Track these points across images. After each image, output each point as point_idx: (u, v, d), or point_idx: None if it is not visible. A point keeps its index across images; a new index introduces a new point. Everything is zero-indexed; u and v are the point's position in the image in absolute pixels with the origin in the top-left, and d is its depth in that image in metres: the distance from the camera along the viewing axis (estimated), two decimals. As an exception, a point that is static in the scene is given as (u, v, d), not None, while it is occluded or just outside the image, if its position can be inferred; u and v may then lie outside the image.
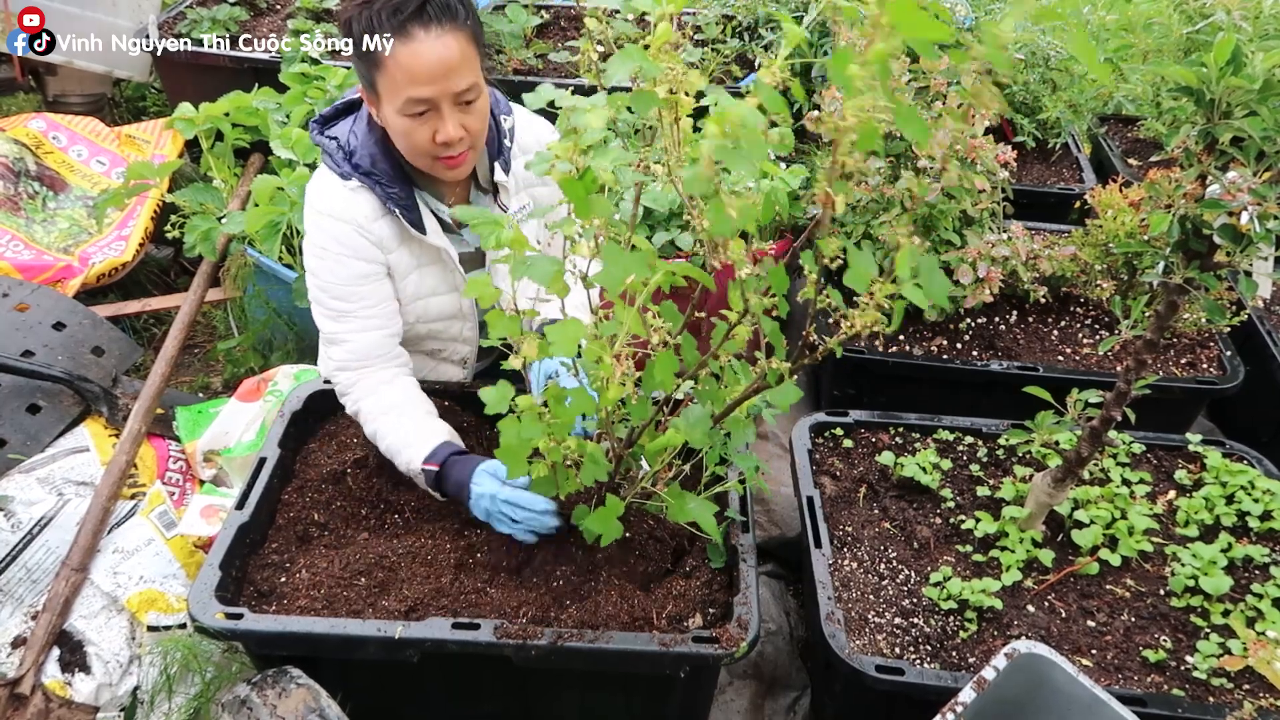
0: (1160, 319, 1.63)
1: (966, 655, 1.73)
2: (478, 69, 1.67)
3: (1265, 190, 1.39)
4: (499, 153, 1.87)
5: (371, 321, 1.86)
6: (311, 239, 1.83)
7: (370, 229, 1.81)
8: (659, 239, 2.64)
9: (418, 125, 1.66)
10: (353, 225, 1.79)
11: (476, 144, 1.75)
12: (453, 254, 1.90)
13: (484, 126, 1.74)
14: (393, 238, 1.84)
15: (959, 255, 2.41)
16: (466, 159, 1.74)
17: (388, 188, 1.78)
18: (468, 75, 1.64)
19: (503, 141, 1.87)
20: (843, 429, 2.23)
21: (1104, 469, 2.13)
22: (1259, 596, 1.83)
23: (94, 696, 1.88)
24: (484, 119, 1.73)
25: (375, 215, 1.81)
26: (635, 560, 1.74)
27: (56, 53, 3.56)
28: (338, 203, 1.79)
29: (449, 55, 1.60)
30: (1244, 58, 1.33)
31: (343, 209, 1.79)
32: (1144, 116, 3.47)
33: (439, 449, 1.77)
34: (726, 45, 3.58)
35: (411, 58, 1.59)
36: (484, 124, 1.74)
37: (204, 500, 2.19)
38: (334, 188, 1.80)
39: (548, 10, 4.09)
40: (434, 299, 1.95)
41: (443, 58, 1.60)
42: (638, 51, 1.16)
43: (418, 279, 1.91)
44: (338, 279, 1.82)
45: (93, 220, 3.10)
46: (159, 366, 2.41)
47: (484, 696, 1.77)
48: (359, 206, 1.79)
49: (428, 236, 1.84)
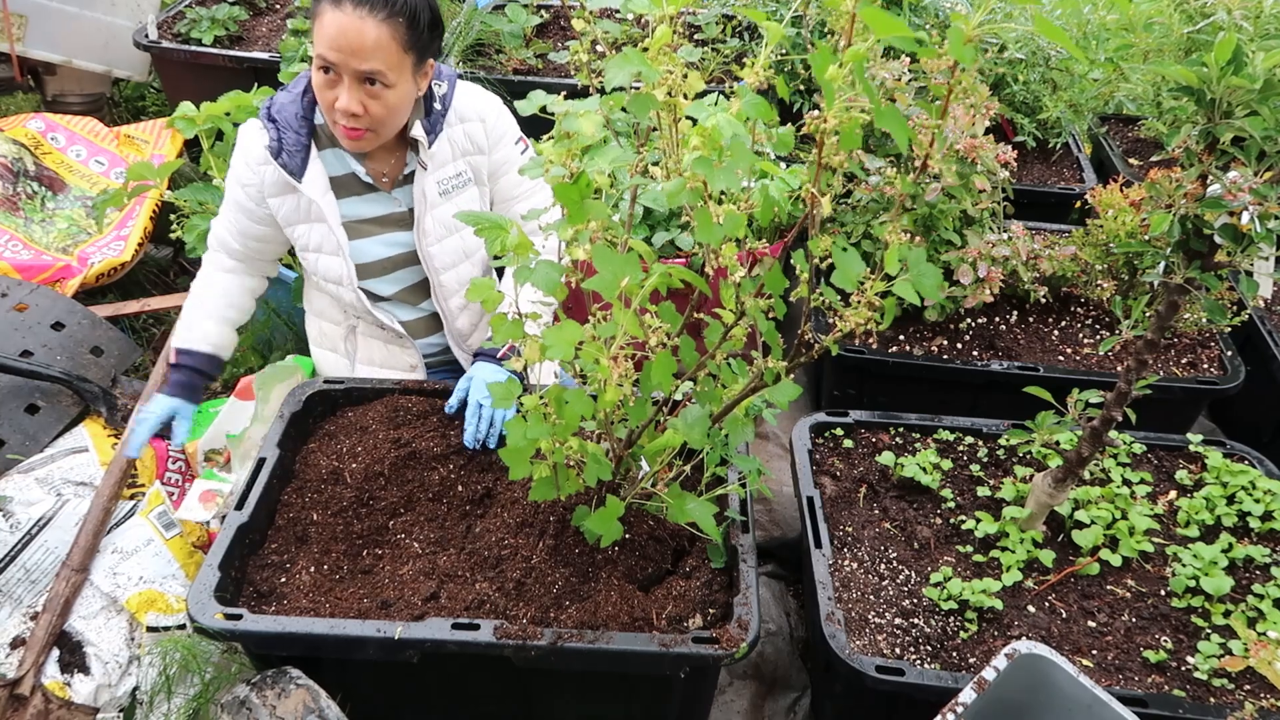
0: (1161, 319, 1.63)
1: (967, 656, 1.73)
2: (395, 64, 1.78)
3: (1266, 190, 1.38)
4: (427, 114, 1.97)
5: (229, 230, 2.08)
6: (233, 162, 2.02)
7: (258, 170, 1.96)
8: (659, 239, 2.64)
9: (324, 85, 1.80)
10: (246, 165, 1.97)
11: (378, 128, 1.85)
12: (330, 212, 1.98)
13: (389, 115, 1.84)
14: (276, 184, 1.97)
15: (959, 255, 2.40)
16: (363, 137, 1.86)
17: (282, 130, 1.91)
18: (374, 61, 1.75)
19: (432, 105, 1.97)
20: (843, 429, 2.23)
21: (1104, 469, 2.13)
22: (1260, 597, 1.83)
23: (93, 697, 1.87)
24: (390, 109, 1.83)
25: (265, 159, 1.94)
26: (635, 561, 1.74)
27: (56, 52, 3.56)
28: (245, 141, 1.97)
29: (359, 36, 1.72)
30: (1245, 57, 1.33)
31: (246, 148, 1.97)
32: (1145, 116, 3.47)
33: (190, 354, 2.09)
34: (726, 45, 3.57)
35: (329, 23, 1.73)
36: (390, 113, 1.84)
37: (203, 485, 2.20)
38: (251, 129, 1.98)
39: (548, 10, 4.08)
40: (321, 256, 2.06)
41: (352, 35, 1.72)
42: (637, 55, 1.16)
43: (305, 230, 2.03)
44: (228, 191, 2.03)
45: (92, 220, 3.10)
46: (160, 366, 2.40)
47: (484, 697, 1.77)
48: (255, 145, 1.95)
49: (302, 185, 1.94)
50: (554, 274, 1.34)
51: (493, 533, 1.79)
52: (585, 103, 1.31)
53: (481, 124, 2.03)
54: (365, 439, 2.01)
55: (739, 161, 1.15)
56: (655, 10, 1.18)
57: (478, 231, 1.42)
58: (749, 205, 1.27)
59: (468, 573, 1.73)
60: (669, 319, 1.43)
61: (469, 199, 2.08)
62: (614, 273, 1.27)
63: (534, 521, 1.78)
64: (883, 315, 1.33)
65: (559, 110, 1.30)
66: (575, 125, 1.27)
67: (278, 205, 2.00)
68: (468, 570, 1.74)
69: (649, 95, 1.20)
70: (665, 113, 1.24)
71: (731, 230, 1.22)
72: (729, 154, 1.16)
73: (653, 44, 1.18)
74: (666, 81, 1.20)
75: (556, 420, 1.51)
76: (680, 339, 1.49)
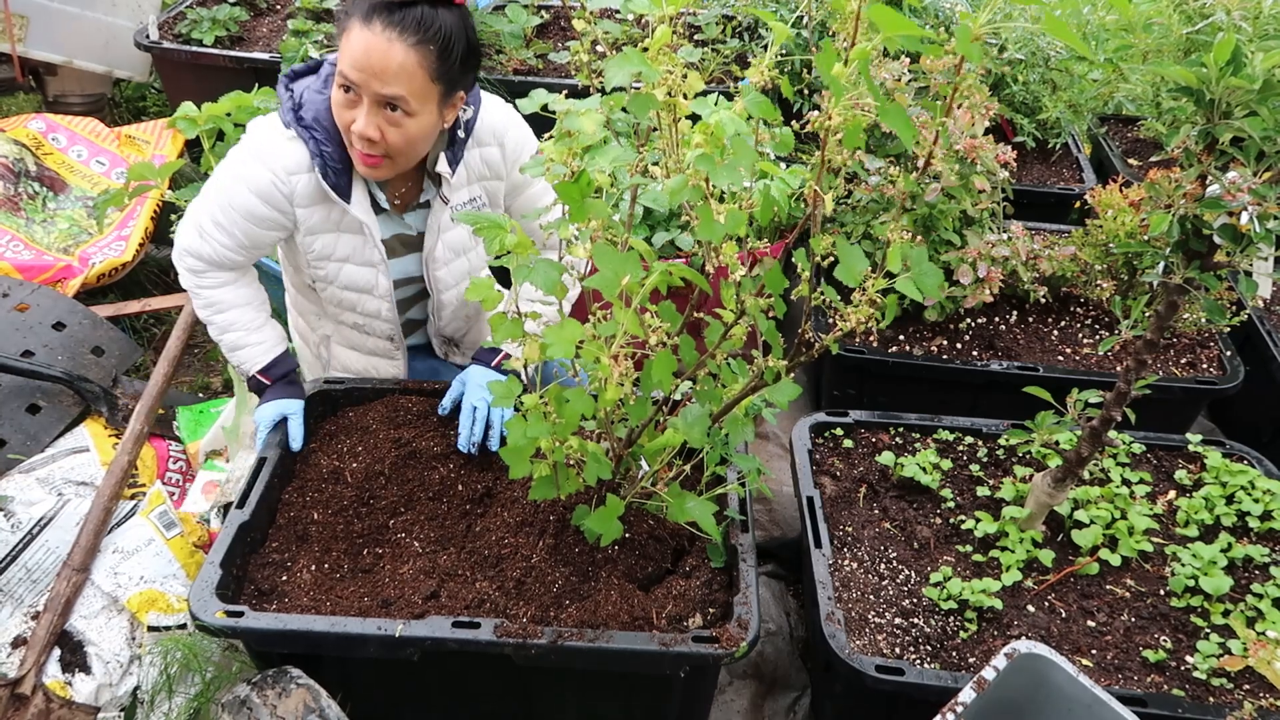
0: (1160, 319, 1.63)
1: (966, 655, 1.73)
2: (420, 92, 1.69)
3: (1265, 190, 1.39)
4: (450, 144, 1.88)
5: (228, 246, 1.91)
6: (229, 165, 1.86)
7: (288, 180, 1.82)
8: (659, 239, 2.64)
9: (343, 104, 1.72)
10: (272, 173, 1.81)
11: (395, 156, 1.76)
12: (374, 230, 1.92)
13: (407, 145, 1.75)
14: (309, 194, 1.85)
15: (959, 255, 2.41)
16: (380, 164, 1.77)
17: (323, 145, 1.79)
18: (397, 86, 1.66)
19: (455, 133, 1.87)
20: (843, 429, 2.23)
21: (1104, 469, 2.13)
22: (1259, 596, 1.83)
23: (94, 696, 1.88)
24: (409, 139, 1.74)
25: (299, 169, 1.82)
26: (635, 560, 1.74)
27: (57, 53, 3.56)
28: (270, 148, 1.82)
29: (384, 59, 1.64)
30: (1244, 58, 1.33)
31: (272, 156, 1.81)
32: (1144, 116, 3.47)
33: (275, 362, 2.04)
34: (726, 45, 3.58)
35: (355, 40, 1.65)
36: (408, 144, 1.75)
37: (206, 476, 2.22)
38: (273, 134, 1.83)
39: (548, 10, 4.09)
40: (347, 265, 1.98)
41: (376, 57, 1.64)
42: (637, 55, 1.16)
43: (331, 240, 1.93)
44: (230, 205, 1.85)
45: (93, 220, 3.10)
46: (161, 366, 2.41)
47: (484, 696, 1.77)
48: (287, 156, 1.81)
49: (350, 206, 1.86)
50: (553, 273, 1.34)
51: (493, 532, 1.80)
52: (586, 102, 1.31)
53: (500, 149, 1.94)
54: (366, 439, 2.01)
55: (741, 159, 1.16)
56: (655, 10, 1.19)
57: (477, 231, 1.42)
58: (750, 204, 1.27)
59: (468, 571, 1.74)
60: (669, 318, 1.44)
61: None
62: (614, 271, 1.27)
63: (534, 520, 1.78)
64: (884, 313, 1.33)
65: (560, 109, 1.31)
66: (576, 124, 1.27)
67: (306, 215, 1.88)
68: (468, 569, 1.74)
69: (649, 95, 1.20)
70: (665, 112, 1.24)
71: (733, 228, 1.22)
72: (731, 152, 1.16)
73: (653, 44, 1.18)
74: (666, 81, 1.20)
75: (556, 419, 1.51)
76: (680, 338, 1.49)
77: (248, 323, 2.01)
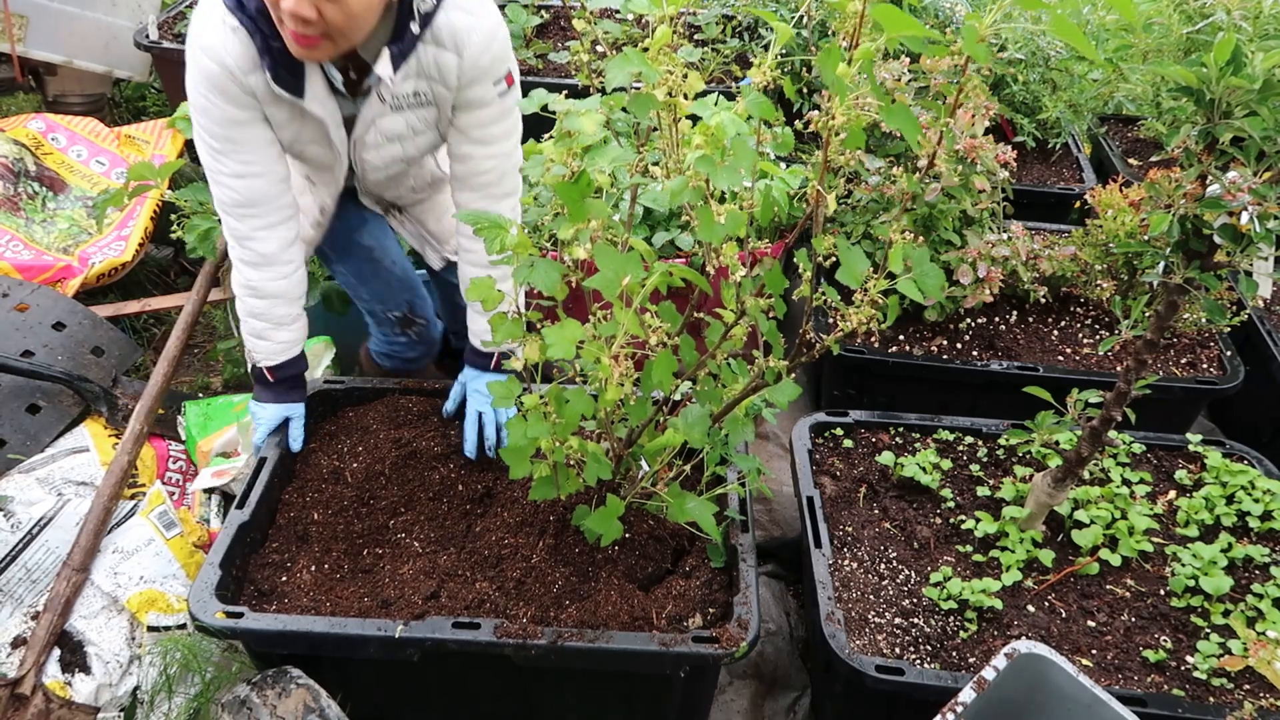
0: (1160, 319, 1.63)
1: (966, 655, 1.73)
2: None
3: (1265, 190, 1.39)
4: (397, 35, 1.67)
5: (252, 168, 1.77)
6: (189, 72, 1.71)
7: (243, 81, 1.68)
8: (659, 239, 2.64)
9: None
10: (225, 71, 1.66)
11: (335, 37, 1.58)
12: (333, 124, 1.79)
13: (347, 22, 1.56)
14: (267, 93, 1.71)
15: (959, 255, 2.41)
16: (318, 45, 1.58)
17: (270, 39, 1.63)
18: None
19: (407, 24, 1.66)
20: (843, 429, 2.23)
21: (1104, 469, 2.13)
22: (1259, 596, 1.83)
23: (94, 697, 1.88)
24: (349, 14, 1.55)
25: (249, 68, 1.67)
26: (635, 560, 1.74)
27: (57, 53, 3.56)
28: (214, 38, 1.65)
29: None
30: (1244, 58, 1.33)
31: (218, 48, 1.65)
32: (1144, 116, 3.47)
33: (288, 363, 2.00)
34: (726, 45, 3.57)
35: None
36: (348, 20, 1.56)
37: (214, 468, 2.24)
38: (214, 20, 1.65)
39: (548, 10, 4.09)
40: (311, 146, 1.85)
41: None
42: (637, 55, 1.16)
43: (296, 130, 1.80)
44: (212, 120, 1.72)
45: (92, 220, 3.10)
46: (161, 367, 2.40)
47: (484, 696, 1.77)
48: (233, 52, 1.65)
49: (305, 101, 1.71)
50: (554, 274, 1.34)
51: (493, 532, 1.80)
52: (586, 102, 1.31)
53: (457, 57, 1.71)
54: (366, 439, 2.01)
55: (741, 160, 1.16)
56: (655, 10, 1.19)
57: (477, 231, 1.42)
58: (750, 204, 1.27)
59: (468, 572, 1.74)
60: (669, 318, 1.44)
61: (423, 119, 1.83)
62: (615, 271, 1.27)
63: (534, 521, 1.78)
64: (885, 313, 1.33)
65: (560, 109, 1.31)
66: (576, 124, 1.27)
67: (272, 112, 1.74)
68: (468, 569, 1.74)
69: (649, 95, 1.20)
70: (665, 113, 1.24)
71: (733, 229, 1.23)
72: (732, 153, 1.16)
73: (653, 44, 1.18)
74: (666, 81, 1.21)
75: (556, 419, 1.51)
76: (681, 338, 1.49)
77: (279, 317, 1.96)
